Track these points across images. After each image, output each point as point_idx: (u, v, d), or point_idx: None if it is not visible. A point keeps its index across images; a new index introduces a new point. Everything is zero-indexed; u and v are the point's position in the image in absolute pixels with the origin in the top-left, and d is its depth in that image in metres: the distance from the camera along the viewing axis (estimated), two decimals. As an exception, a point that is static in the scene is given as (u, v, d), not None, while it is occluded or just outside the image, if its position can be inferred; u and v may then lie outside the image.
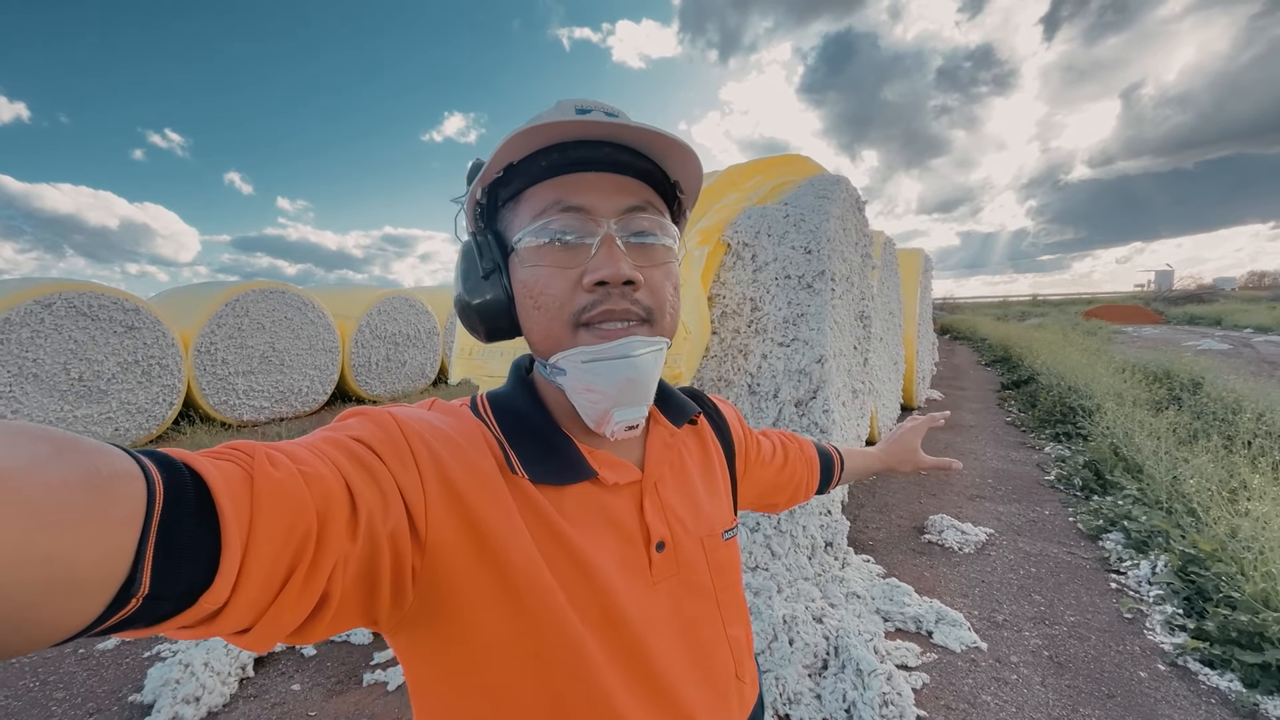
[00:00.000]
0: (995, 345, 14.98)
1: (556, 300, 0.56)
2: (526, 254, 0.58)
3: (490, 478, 0.55)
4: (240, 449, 0.41)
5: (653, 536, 0.62)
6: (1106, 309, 30.66)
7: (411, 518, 0.49)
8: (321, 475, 0.43)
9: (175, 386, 7.45)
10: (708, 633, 0.64)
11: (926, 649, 2.56)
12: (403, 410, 0.57)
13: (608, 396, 0.57)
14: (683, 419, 0.73)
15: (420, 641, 0.53)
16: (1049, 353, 10.13)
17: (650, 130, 0.56)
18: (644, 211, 0.59)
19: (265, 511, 0.38)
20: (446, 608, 0.51)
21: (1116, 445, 5.01)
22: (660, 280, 0.60)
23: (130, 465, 0.33)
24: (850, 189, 3.87)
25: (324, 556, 0.41)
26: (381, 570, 0.47)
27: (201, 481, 0.36)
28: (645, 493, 0.64)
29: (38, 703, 2.26)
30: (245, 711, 2.18)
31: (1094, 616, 2.87)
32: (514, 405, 0.63)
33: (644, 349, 0.57)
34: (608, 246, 0.56)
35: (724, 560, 0.69)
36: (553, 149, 0.57)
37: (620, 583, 0.57)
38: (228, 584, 0.35)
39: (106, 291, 6.86)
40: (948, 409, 7.89)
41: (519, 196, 0.59)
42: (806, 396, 3.32)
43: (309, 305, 9.03)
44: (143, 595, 0.32)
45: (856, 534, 3.80)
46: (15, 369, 6.22)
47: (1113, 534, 3.76)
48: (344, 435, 0.50)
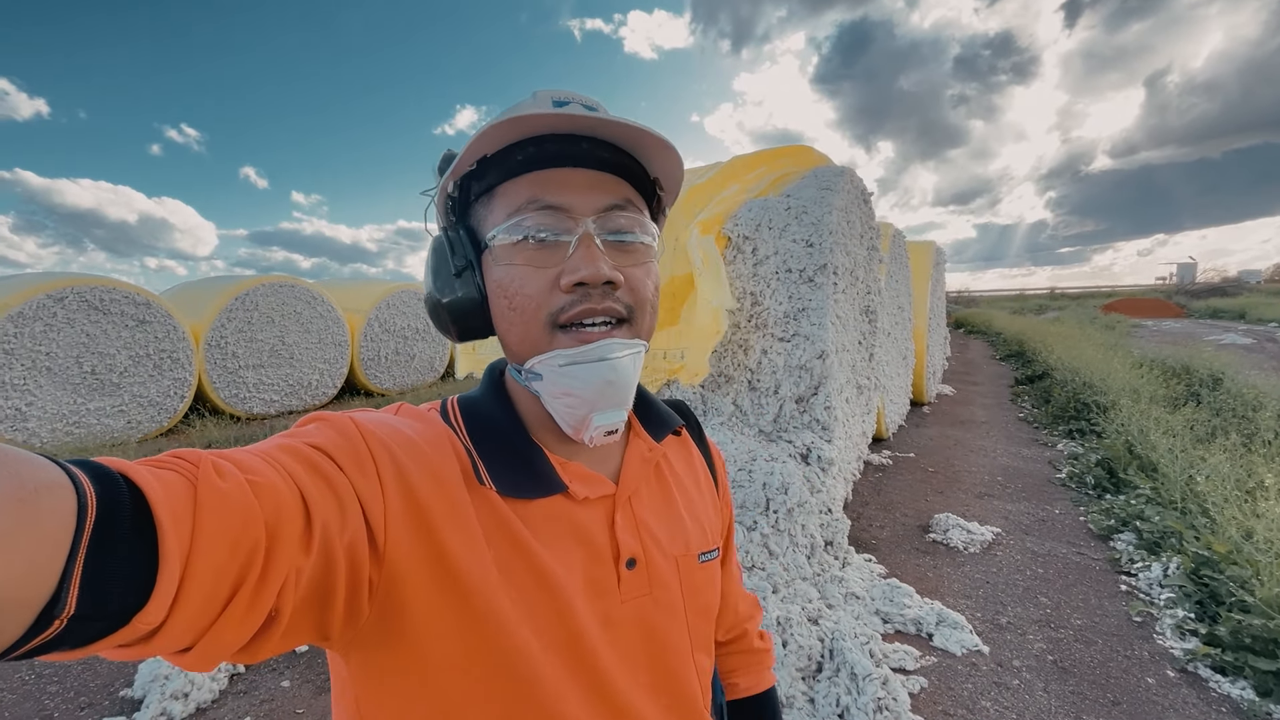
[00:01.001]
0: (1010, 340, 14.76)
1: (533, 301, 0.54)
2: (501, 252, 0.55)
3: (453, 488, 0.52)
4: (185, 458, 0.39)
5: (623, 553, 0.59)
6: (1126, 302, 30.10)
7: (370, 529, 0.47)
8: (273, 485, 0.41)
9: (186, 380, 7.54)
10: (676, 657, 0.61)
11: (926, 652, 2.50)
12: (365, 415, 0.54)
13: (585, 401, 0.55)
14: (664, 431, 0.70)
15: (373, 662, 0.50)
16: (1064, 347, 9.94)
17: (630, 125, 0.54)
18: (623, 210, 0.57)
19: (208, 524, 0.35)
20: (400, 624, 0.49)
21: (1131, 443, 4.89)
22: (641, 278, 0.58)
23: (59, 477, 0.30)
24: (855, 180, 3.79)
25: (273, 571, 0.39)
26: (336, 584, 0.44)
27: (140, 493, 0.34)
28: (618, 507, 0.61)
29: (32, 695, 2.28)
30: (234, 708, 2.18)
31: (1102, 620, 2.79)
32: (485, 411, 0.61)
33: (623, 351, 0.55)
34: (586, 246, 0.54)
35: (699, 583, 0.65)
36: (528, 143, 0.55)
37: (585, 602, 0.55)
38: (165, 602, 0.33)
39: (118, 286, 6.94)
40: (960, 404, 7.79)
41: (493, 191, 0.57)
42: (808, 393, 3.26)
43: (318, 299, 9.08)
44: (68, 616, 0.29)
45: (859, 533, 3.73)
46: (29, 362, 6.31)
47: (1124, 534, 3.66)
48: (301, 442, 0.48)
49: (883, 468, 5.15)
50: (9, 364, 6.17)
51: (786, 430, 3.27)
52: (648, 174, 0.61)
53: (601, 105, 0.57)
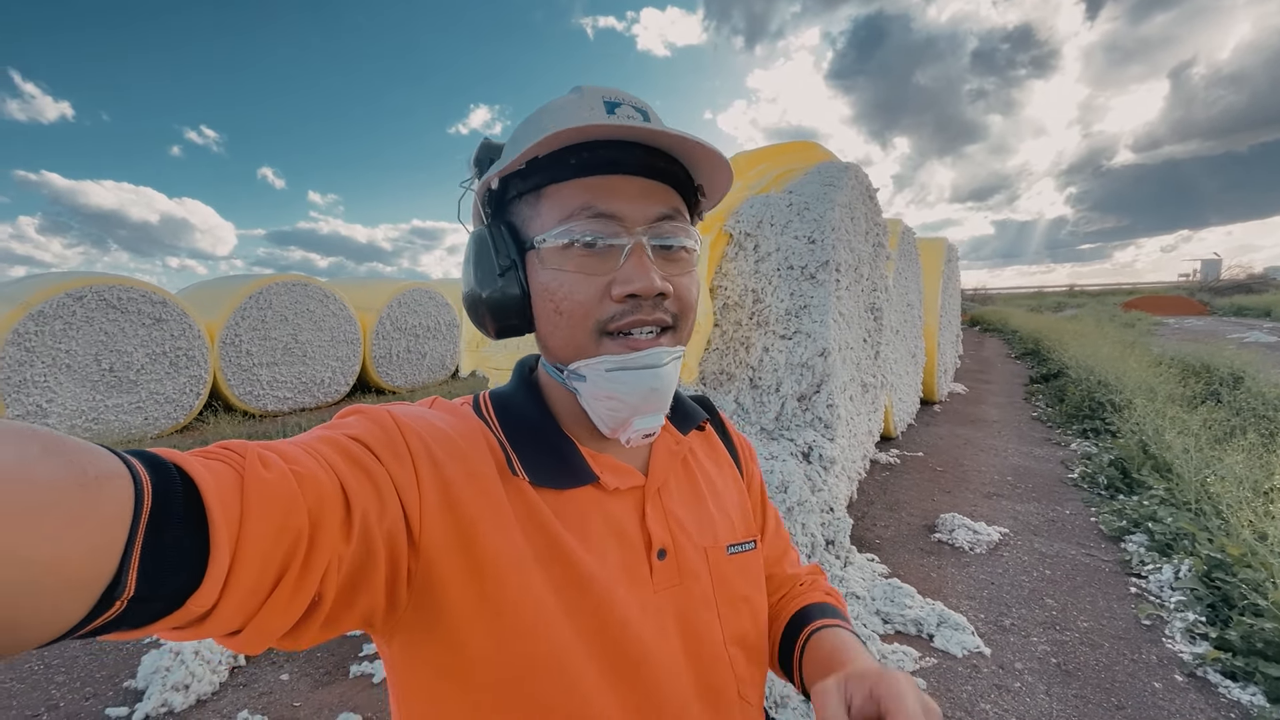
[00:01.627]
0: (1026, 337, 14.54)
1: (582, 308, 0.55)
2: (549, 255, 0.56)
3: (488, 480, 0.54)
4: (232, 448, 0.41)
5: (654, 544, 0.60)
6: (1147, 300, 29.52)
7: (408, 518, 0.48)
8: (315, 475, 0.42)
9: (201, 377, 7.66)
10: (710, 648, 0.61)
11: (926, 653, 2.47)
12: (402, 409, 0.56)
13: (629, 405, 0.56)
14: (689, 425, 0.71)
15: (413, 647, 0.52)
16: (1080, 345, 9.77)
17: (688, 139, 0.54)
18: (672, 219, 0.58)
19: (255, 513, 0.37)
20: (437, 612, 0.50)
21: (1145, 442, 4.79)
22: (687, 287, 0.59)
23: (118, 466, 0.32)
24: (860, 176, 3.75)
25: (316, 558, 0.41)
26: (376, 572, 0.46)
27: (191, 482, 0.35)
28: (648, 498, 0.62)
29: (40, 685, 2.33)
30: (233, 700, 2.21)
31: (1109, 622, 2.74)
32: (517, 406, 0.62)
33: (668, 359, 0.56)
34: (638, 256, 0.55)
35: (729, 575, 0.65)
36: (582, 147, 0.55)
37: (621, 591, 0.56)
38: (216, 587, 0.35)
39: (135, 284, 7.07)
40: (972, 403, 7.69)
41: (540, 192, 0.57)
42: (810, 391, 3.23)
43: (331, 298, 9.18)
44: (128, 598, 0.31)
45: (863, 532, 3.70)
46: (49, 360, 6.45)
47: (1136, 536, 3.59)
48: (341, 434, 0.50)
49: (890, 466, 5.10)
50: (30, 361, 6.31)
51: (788, 428, 3.25)
52: (691, 181, 0.61)
53: (650, 107, 0.58)
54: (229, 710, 2.15)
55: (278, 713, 2.14)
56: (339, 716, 2.10)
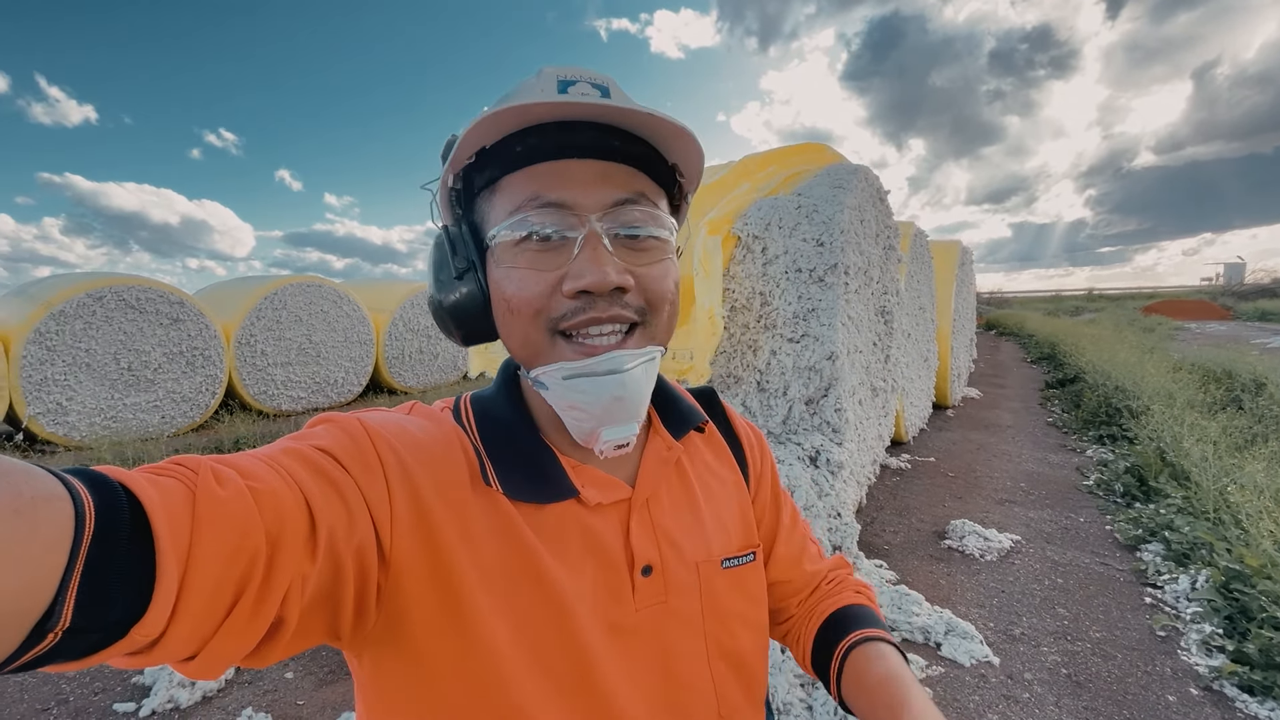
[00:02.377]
0: (1042, 342, 14.34)
1: (531, 305, 0.51)
2: (501, 252, 0.52)
3: (460, 491, 0.51)
4: (185, 464, 0.38)
5: (637, 560, 0.56)
6: (1168, 304, 29.01)
7: (378, 532, 0.46)
8: (274, 490, 0.40)
9: (217, 376, 7.77)
10: (689, 667, 0.58)
11: (933, 661, 2.43)
12: (374, 416, 0.53)
13: (593, 415, 0.52)
14: (685, 428, 0.66)
15: (382, 662, 0.50)
16: (1098, 350, 9.62)
17: (640, 112, 0.49)
18: (635, 204, 0.53)
19: (207, 533, 0.35)
20: (402, 628, 0.48)
21: (1163, 449, 4.70)
22: (657, 277, 0.53)
23: (57, 488, 0.30)
24: (870, 178, 3.72)
25: (275, 579, 0.38)
26: (344, 589, 0.44)
27: (138, 502, 0.33)
28: (633, 511, 0.58)
29: (49, 680, 2.37)
30: (238, 697, 2.23)
31: (1123, 633, 2.68)
32: (497, 411, 0.59)
33: (634, 362, 0.51)
34: (592, 247, 0.50)
35: (721, 590, 0.61)
36: (530, 131, 0.51)
37: (592, 611, 0.53)
38: (163, 614, 0.32)
39: (153, 285, 7.19)
40: (986, 408, 7.60)
41: (495, 185, 0.53)
42: (817, 394, 3.21)
43: (344, 299, 9.27)
44: (61, 629, 0.29)
45: (871, 538, 3.66)
46: (70, 359, 6.58)
47: (1152, 545, 3.52)
48: (308, 445, 0.47)
49: (901, 472, 5.05)
50: (51, 360, 6.44)
51: (795, 432, 3.22)
52: (665, 160, 0.56)
53: (614, 83, 0.52)
54: (234, 707, 2.17)
55: (281, 710, 2.15)
56: (341, 715, 2.11)
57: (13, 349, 6.19)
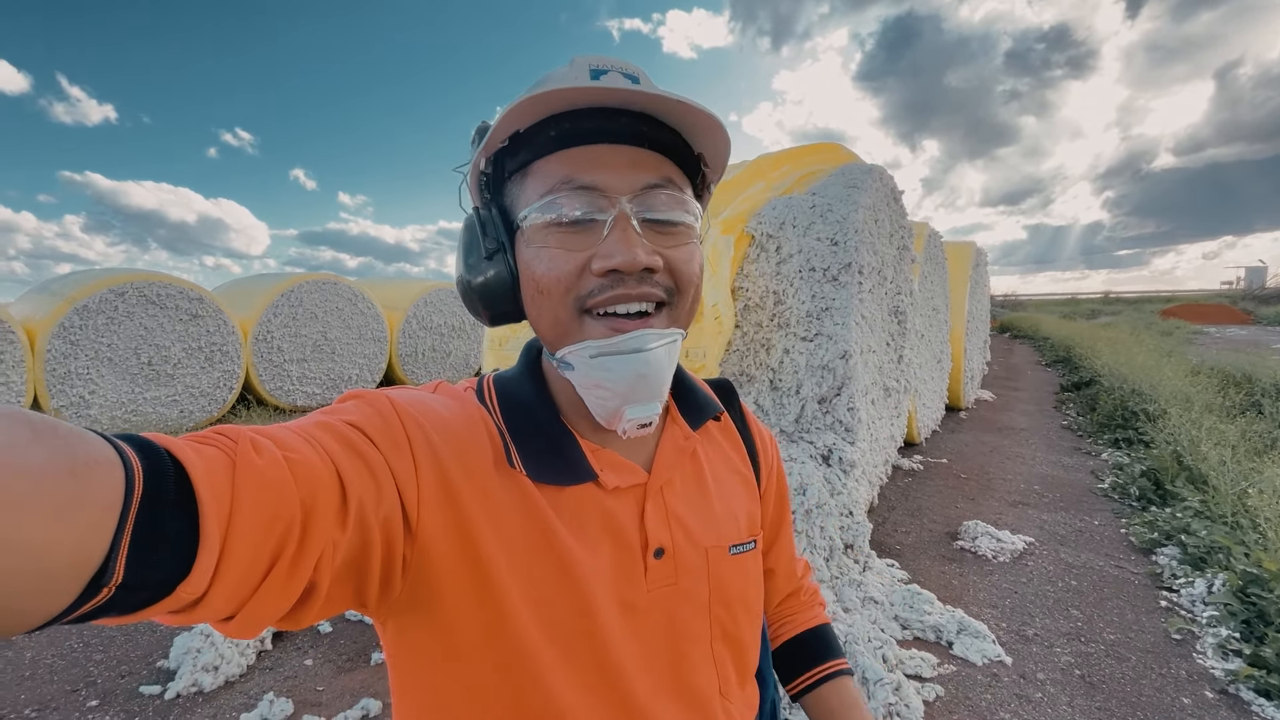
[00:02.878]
0: (1058, 345, 14.19)
1: (560, 284, 0.52)
2: (532, 233, 0.53)
3: (484, 471, 0.53)
4: (226, 434, 0.40)
5: (650, 543, 0.58)
6: (1187, 308, 28.58)
7: (404, 506, 0.48)
8: (309, 461, 0.42)
9: (235, 372, 7.88)
10: (695, 647, 0.60)
11: (944, 660, 2.44)
12: (401, 394, 0.55)
13: (617, 394, 0.53)
14: (702, 418, 0.68)
15: (406, 630, 0.52)
16: (1114, 353, 9.51)
17: (673, 99, 0.50)
18: (663, 189, 0.54)
19: (246, 500, 0.37)
20: (430, 600, 0.50)
21: (1180, 453, 4.65)
22: (684, 260, 0.54)
23: (109, 452, 0.32)
24: (885, 178, 3.72)
25: (309, 545, 0.40)
26: (372, 558, 0.46)
27: (182, 468, 0.35)
28: (649, 496, 0.60)
29: (79, 663, 2.43)
30: (259, 682, 2.28)
31: (1137, 636, 2.67)
32: (519, 394, 0.60)
33: (658, 341, 0.53)
34: (621, 228, 0.51)
35: (727, 575, 0.63)
36: (564, 117, 0.52)
37: (608, 590, 0.55)
38: (205, 575, 0.34)
39: (173, 281, 7.30)
40: (999, 410, 7.54)
41: (527, 169, 0.54)
42: (830, 393, 3.21)
43: (359, 296, 9.37)
44: (115, 585, 0.31)
45: (883, 537, 3.66)
46: (92, 353, 6.70)
47: (1168, 548, 3.49)
48: (338, 419, 0.49)
49: (913, 472, 5.03)
50: (74, 354, 6.57)
51: (808, 431, 3.23)
52: (691, 149, 0.57)
53: (644, 74, 0.53)
54: (255, 692, 2.22)
55: (301, 696, 2.20)
56: (360, 701, 2.15)
57: (38, 343, 6.32)
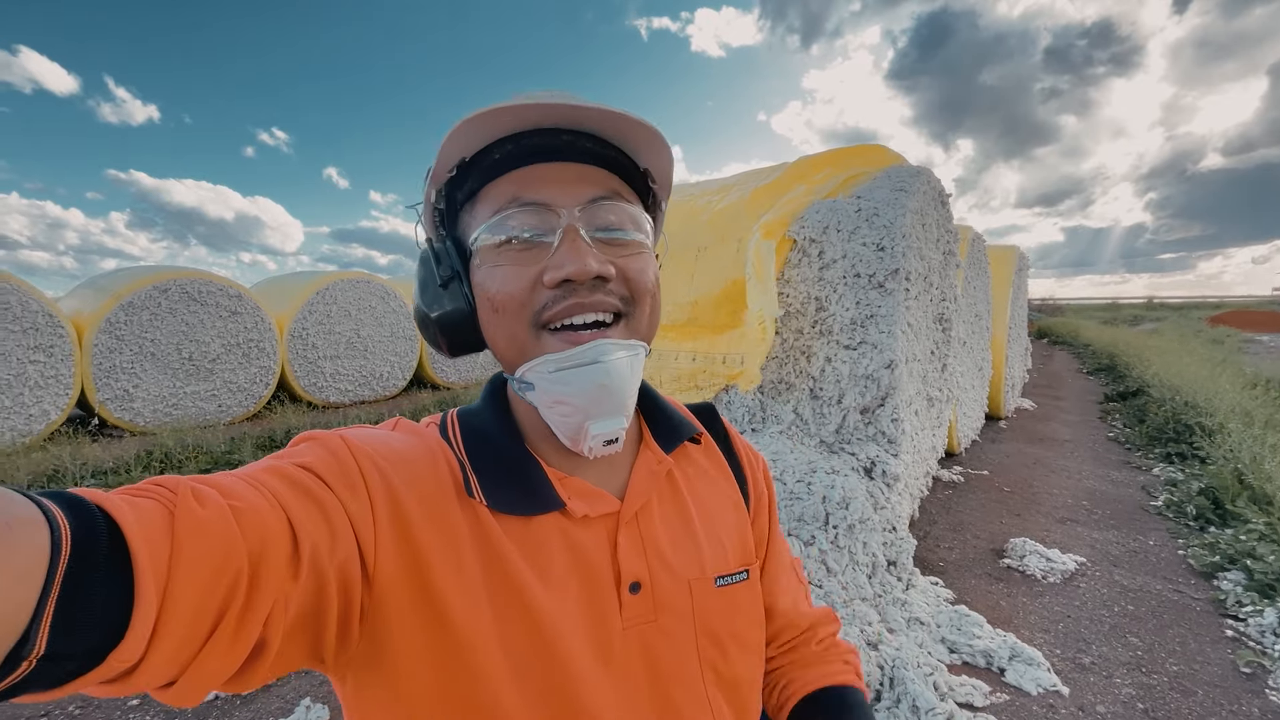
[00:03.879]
0: (1100, 352, 13.73)
1: (515, 300, 0.51)
2: (484, 255, 0.53)
3: (442, 504, 0.51)
4: (164, 484, 0.38)
5: (624, 577, 0.55)
6: (1237, 314, 27.43)
7: (361, 550, 0.46)
8: (256, 508, 0.40)
9: (271, 368, 8.04)
10: (685, 692, 0.56)
11: (997, 688, 2.32)
12: (356, 433, 0.53)
13: (579, 409, 0.51)
14: (675, 441, 0.65)
15: (365, 689, 0.49)
16: (1163, 362, 9.14)
17: (610, 111, 0.50)
18: (610, 200, 0.54)
19: (186, 554, 0.34)
20: (383, 649, 0.47)
21: (1241, 471, 4.42)
22: (637, 270, 0.54)
23: (32, 512, 0.30)
24: (932, 181, 3.60)
25: (258, 599, 0.38)
26: (328, 609, 0.43)
27: (116, 525, 0.33)
28: (622, 526, 0.57)
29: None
30: (296, 687, 2.22)
31: (1203, 668, 2.52)
32: (482, 424, 0.59)
33: (617, 351, 0.51)
34: (570, 240, 0.51)
35: (714, 610, 0.59)
36: (506, 140, 0.52)
37: (578, 631, 0.52)
38: (141, 639, 0.32)
39: (214, 279, 7.48)
40: (1041, 420, 7.29)
41: (476, 196, 0.55)
42: (874, 404, 3.11)
43: (391, 294, 9.49)
44: (36, 657, 0.29)
45: (925, 554, 3.53)
46: (137, 348, 6.90)
47: (1231, 573, 3.30)
48: (290, 463, 0.47)
49: (953, 485, 4.87)
50: (120, 349, 6.76)
51: (850, 442, 3.13)
52: (637, 166, 0.57)
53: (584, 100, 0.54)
54: (292, 697, 2.22)
55: (338, 703, 2.18)
56: (395, 710, 2.13)
57: (85, 337, 6.52)
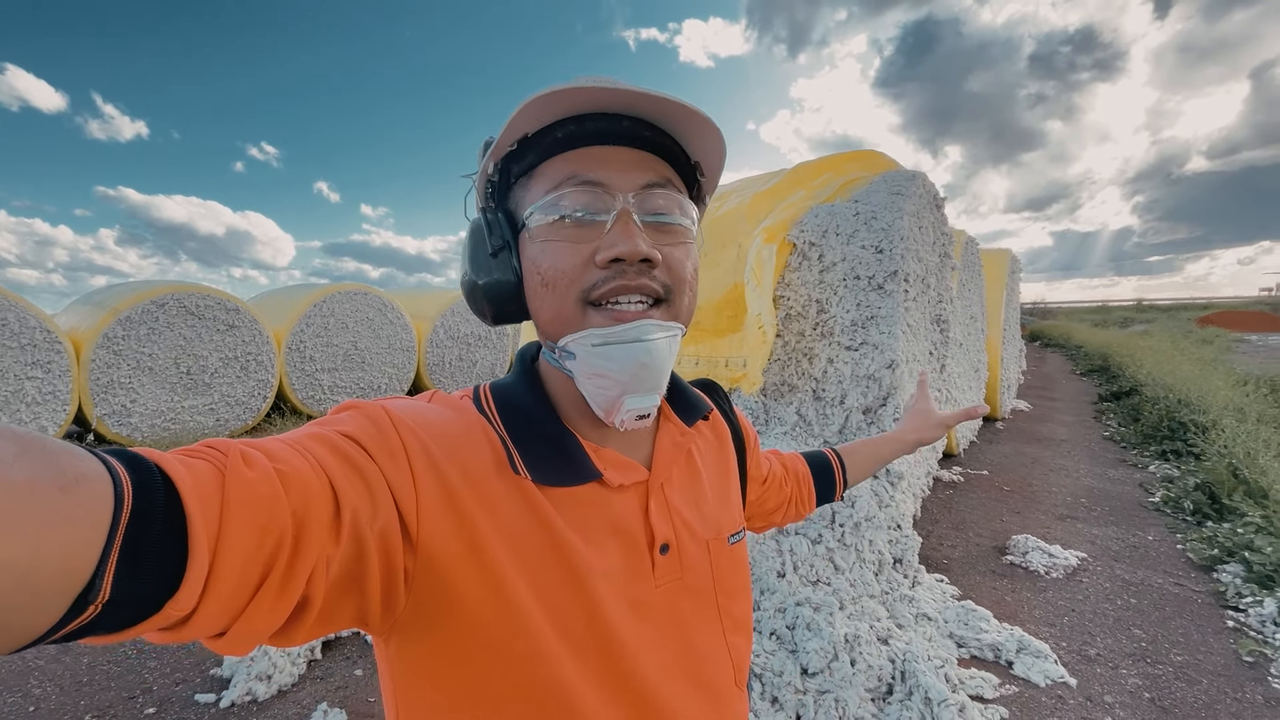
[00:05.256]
0: (1092, 353, 13.87)
1: (566, 276, 0.53)
2: (537, 230, 0.55)
3: (485, 477, 0.53)
4: (216, 447, 0.40)
5: (657, 539, 0.59)
6: (1225, 315, 27.74)
7: (402, 517, 0.47)
8: (300, 473, 0.41)
9: (269, 381, 8.01)
10: (707, 639, 0.62)
11: (1005, 680, 2.35)
12: (398, 404, 0.54)
13: (618, 383, 0.54)
14: (695, 416, 0.70)
15: (410, 644, 0.51)
16: (1155, 362, 9.24)
17: (673, 101, 0.52)
18: (662, 188, 0.56)
19: (236, 513, 0.36)
20: (439, 613, 0.49)
21: (1236, 466, 4.48)
22: (680, 259, 0.56)
23: (97, 467, 0.31)
24: (928, 185, 3.66)
25: (301, 559, 0.40)
26: (369, 572, 0.45)
27: (172, 483, 0.34)
28: (651, 493, 0.61)
29: (134, 670, 2.46)
30: (312, 692, 2.28)
31: (1206, 657, 2.56)
32: (517, 399, 0.60)
33: (659, 333, 0.54)
34: (624, 222, 0.53)
35: (728, 565, 0.66)
36: (569, 120, 0.54)
37: (617, 589, 0.55)
38: (195, 590, 0.34)
39: (211, 293, 7.47)
40: (1037, 421, 7.36)
41: (533, 172, 0.56)
42: (876, 404, 3.15)
43: (389, 306, 9.49)
44: (102, 602, 0.30)
45: (929, 551, 3.57)
46: (134, 362, 6.87)
47: (1230, 565, 3.35)
48: (333, 430, 0.48)
49: (954, 484, 4.92)
50: (117, 364, 6.73)
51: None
52: (688, 157, 0.60)
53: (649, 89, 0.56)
54: (308, 702, 2.22)
55: (354, 707, 2.19)
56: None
57: (83, 353, 6.50)
